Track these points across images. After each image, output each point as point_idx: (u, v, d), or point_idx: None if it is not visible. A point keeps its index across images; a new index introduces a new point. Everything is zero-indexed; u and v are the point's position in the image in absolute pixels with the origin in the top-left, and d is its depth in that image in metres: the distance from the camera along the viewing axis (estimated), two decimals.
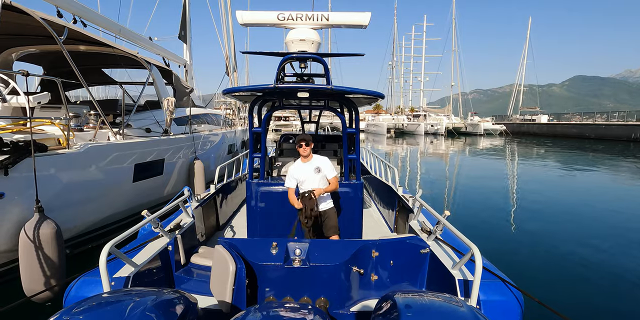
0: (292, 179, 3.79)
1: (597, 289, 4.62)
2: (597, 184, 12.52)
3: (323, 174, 3.75)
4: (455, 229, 2.99)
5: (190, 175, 7.40)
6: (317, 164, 3.75)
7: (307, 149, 3.72)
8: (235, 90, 3.87)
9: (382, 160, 6.65)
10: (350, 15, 3.87)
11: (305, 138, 3.72)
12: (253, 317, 1.76)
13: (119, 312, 1.68)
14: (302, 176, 3.74)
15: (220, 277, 2.95)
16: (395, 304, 1.81)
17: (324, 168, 3.75)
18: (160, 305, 1.80)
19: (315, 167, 3.72)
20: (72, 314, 1.66)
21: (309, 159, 3.79)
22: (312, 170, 3.72)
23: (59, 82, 4.32)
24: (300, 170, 3.76)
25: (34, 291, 3.48)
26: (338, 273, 3.11)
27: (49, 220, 3.64)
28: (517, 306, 2.66)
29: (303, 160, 3.80)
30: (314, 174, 3.72)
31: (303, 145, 3.71)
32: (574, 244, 6.19)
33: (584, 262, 5.43)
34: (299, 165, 3.81)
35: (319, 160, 3.79)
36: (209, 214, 4.88)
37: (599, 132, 35.26)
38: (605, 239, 6.48)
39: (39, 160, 3.67)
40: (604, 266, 5.32)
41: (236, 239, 3.42)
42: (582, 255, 5.69)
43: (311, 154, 3.83)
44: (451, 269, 2.97)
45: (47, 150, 3.90)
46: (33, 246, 3.49)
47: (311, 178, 3.72)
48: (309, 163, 3.77)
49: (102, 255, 2.49)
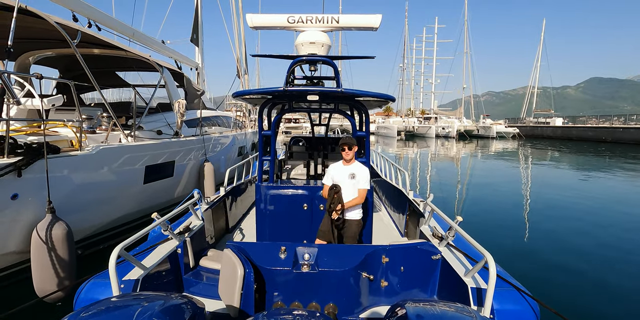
0: (329, 177, 3.80)
1: (616, 298, 4.46)
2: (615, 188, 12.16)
3: (356, 182, 3.71)
4: (467, 235, 2.92)
5: (200, 177, 7.43)
6: (354, 170, 3.73)
7: (350, 153, 3.69)
8: (245, 93, 3.86)
9: (392, 163, 6.58)
10: (360, 17, 3.83)
11: (348, 142, 3.69)
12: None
13: (126, 317, 1.67)
14: (337, 177, 3.73)
15: (228, 281, 2.93)
16: (407, 313, 1.75)
17: (359, 177, 3.72)
18: (168, 310, 1.79)
19: (351, 173, 3.70)
20: (79, 318, 1.65)
21: (351, 163, 3.77)
22: (347, 175, 3.70)
23: (71, 84, 4.38)
24: (338, 171, 3.77)
25: (45, 291, 3.52)
26: (347, 279, 3.06)
27: (61, 221, 3.68)
28: (533, 316, 2.58)
29: (345, 163, 3.79)
30: (348, 178, 3.70)
31: (346, 149, 3.68)
32: (591, 251, 6.01)
33: (603, 269, 5.26)
34: (339, 166, 3.82)
35: (359, 169, 3.76)
36: (218, 217, 4.88)
37: (616, 135, 34.45)
38: (627, 245, 6.28)
39: (51, 161, 3.71)
40: (625, 274, 5.14)
41: (245, 243, 3.39)
42: (600, 262, 5.52)
43: (354, 159, 3.80)
44: (463, 276, 2.89)
45: (59, 152, 3.95)
46: (45, 247, 3.52)
47: (344, 182, 3.70)
48: (348, 167, 3.76)
49: (111, 259, 2.49)
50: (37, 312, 3.71)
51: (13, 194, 3.54)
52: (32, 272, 3.57)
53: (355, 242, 3.90)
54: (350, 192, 3.70)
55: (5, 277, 3.86)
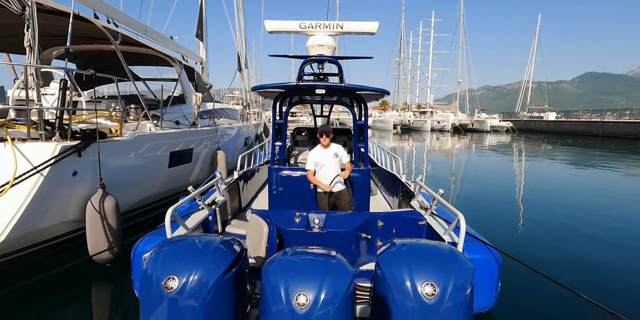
0: (312, 162, 4.53)
1: (560, 248, 5.62)
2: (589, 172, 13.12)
3: (339, 159, 4.51)
4: (446, 202, 3.67)
5: (214, 163, 8.15)
6: (334, 150, 4.53)
7: (327, 139, 4.48)
8: (263, 87, 4.57)
9: (387, 151, 7.33)
10: (361, 24, 4.56)
11: (326, 130, 4.47)
12: (290, 252, 2.41)
13: (200, 245, 2.36)
14: (322, 160, 4.49)
15: (255, 238, 3.67)
16: (394, 243, 2.49)
17: (341, 154, 4.54)
18: (226, 243, 2.48)
19: (334, 153, 4.49)
20: (166, 245, 2.34)
21: (329, 146, 4.55)
22: (331, 156, 4.48)
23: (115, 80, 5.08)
24: (320, 155, 4.51)
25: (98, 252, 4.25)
26: (350, 238, 3.83)
27: (110, 195, 4.40)
28: (495, 263, 3.28)
29: (323, 147, 4.54)
30: (332, 158, 4.49)
31: (324, 135, 4.44)
32: (550, 214, 7.46)
33: (555, 230, 6.51)
34: (319, 151, 4.55)
35: (336, 148, 4.56)
36: (233, 196, 5.61)
37: (606, 129, 35.33)
38: (580, 211, 7.62)
39: (100, 145, 4.42)
40: (577, 231, 6.40)
41: (266, 210, 4.14)
42: (557, 222, 6.85)
43: (330, 143, 4.57)
44: (442, 235, 3.63)
45: (106, 137, 4.66)
46: (98, 216, 4.24)
47: (330, 162, 4.48)
48: (328, 150, 4.53)
49: (167, 216, 3.19)
50: (91, 272, 4.44)
51: (74, 172, 4.25)
52: (87, 237, 4.29)
53: (350, 207, 4.68)
54: (336, 169, 4.52)
55: (63, 242, 4.60)
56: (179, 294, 2.03)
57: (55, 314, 3.69)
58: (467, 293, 2.08)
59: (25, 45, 3.94)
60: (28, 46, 3.92)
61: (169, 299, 2.03)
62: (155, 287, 2.06)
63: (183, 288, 2.03)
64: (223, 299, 2.16)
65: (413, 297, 2.07)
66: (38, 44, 3.89)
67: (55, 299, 3.87)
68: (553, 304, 3.84)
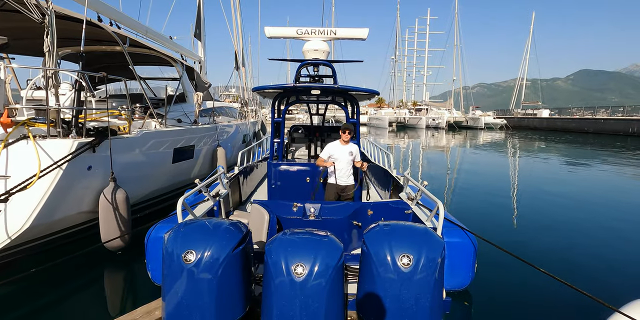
0: (327, 154, 4.90)
1: (531, 233, 6.17)
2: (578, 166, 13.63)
3: (353, 157, 4.91)
4: (429, 192, 4.09)
5: (214, 160, 8.52)
6: (351, 149, 4.91)
7: (349, 136, 4.82)
8: (263, 88, 4.96)
9: (380, 148, 7.74)
10: (352, 30, 4.96)
11: (349, 127, 4.81)
12: (288, 232, 2.79)
13: (212, 226, 2.74)
14: (337, 154, 4.86)
15: (257, 225, 4.07)
16: (379, 224, 2.89)
17: (355, 154, 4.94)
18: (234, 224, 2.86)
19: (350, 151, 4.88)
20: (183, 227, 2.71)
21: (348, 144, 4.92)
22: (346, 153, 4.87)
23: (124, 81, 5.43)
24: (338, 150, 4.87)
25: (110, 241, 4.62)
26: (343, 225, 4.24)
27: (120, 188, 4.77)
28: (471, 246, 3.69)
29: (342, 143, 4.90)
30: (347, 155, 4.88)
31: (347, 132, 4.79)
32: (531, 206, 8.07)
33: (529, 216, 7.20)
34: (338, 145, 4.90)
35: (354, 148, 4.95)
36: (234, 190, 5.99)
37: (597, 126, 36.08)
38: (562, 202, 8.14)
39: (112, 142, 4.78)
40: (559, 220, 6.90)
41: (266, 201, 4.54)
42: (539, 212, 7.46)
43: (349, 141, 4.94)
44: (425, 221, 4.04)
45: (117, 134, 5.02)
46: (110, 207, 4.61)
47: (344, 158, 4.87)
48: (346, 146, 4.90)
49: (178, 205, 3.56)
50: (104, 259, 4.82)
51: (89, 166, 4.62)
52: (100, 226, 4.66)
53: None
54: (347, 165, 4.90)
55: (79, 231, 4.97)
56: (196, 266, 2.43)
57: (72, 296, 4.07)
58: (438, 264, 2.49)
59: (45, 51, 4.28)
60: (47, 51, 4.26)
61: (187, 270, 2.43)
62: (177, 260, 2.45)
63: (200, 260, 2.42)
64: (232, 271, 2.55)
65: (392, 268, 2.47)
66: (56, 49, 4.23)
67: (71, 283, 4.25)
68: (524, 283, 4.28)
